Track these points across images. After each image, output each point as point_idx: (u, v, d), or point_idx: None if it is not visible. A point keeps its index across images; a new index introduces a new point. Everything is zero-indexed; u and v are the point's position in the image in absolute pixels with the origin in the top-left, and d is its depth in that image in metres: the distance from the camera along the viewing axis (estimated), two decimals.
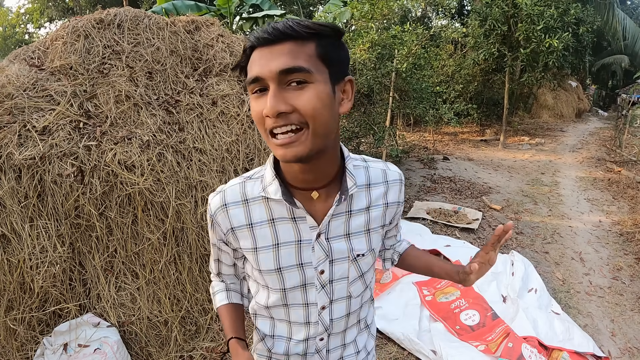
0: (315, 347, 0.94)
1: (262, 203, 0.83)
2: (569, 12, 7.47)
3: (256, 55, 0.69)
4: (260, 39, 0.68)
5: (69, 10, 17.54)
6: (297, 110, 0.68)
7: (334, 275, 0.87)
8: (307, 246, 0.83)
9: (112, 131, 2.32)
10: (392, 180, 0.90)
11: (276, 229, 0.83)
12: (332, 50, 0.71)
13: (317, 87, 0.68)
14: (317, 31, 0.68)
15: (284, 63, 0.66)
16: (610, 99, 20.80)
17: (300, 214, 0.82)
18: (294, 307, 0.89)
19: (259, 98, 0.70)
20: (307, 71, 0.67)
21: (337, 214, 0.84)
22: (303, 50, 0.68)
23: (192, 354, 2.29)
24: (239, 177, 0.88)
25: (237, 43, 3.09)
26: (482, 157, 8.08)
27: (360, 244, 0.87)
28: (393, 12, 7.12)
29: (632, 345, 2.64)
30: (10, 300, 2.01)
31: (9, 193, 1.99)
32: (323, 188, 0.81)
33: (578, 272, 3.58)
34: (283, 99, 0.67)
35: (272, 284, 0.87)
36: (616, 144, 9.00)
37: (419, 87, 6.34)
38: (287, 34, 0.67)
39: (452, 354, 2.27)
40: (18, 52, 2.62)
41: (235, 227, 0.85)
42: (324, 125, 0.70)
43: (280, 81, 0.67)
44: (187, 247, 2.41)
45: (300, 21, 0.68)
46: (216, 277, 1.04)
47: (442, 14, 13.81)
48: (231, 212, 0.85)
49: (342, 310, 0.91)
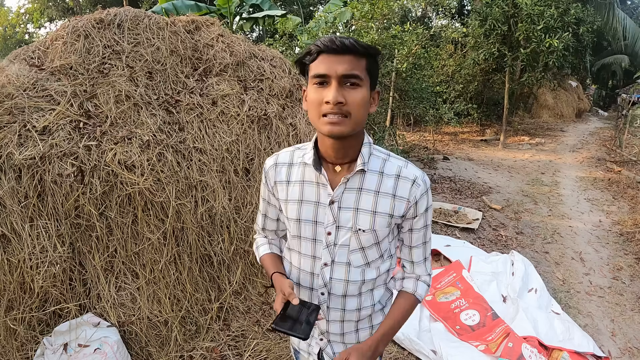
0: (318, 300, 1.10)
1: (300, 167, 1.08)
2: (569, 12, 7.47)
3: (323, 58, 0.91)
4: (330, 47, 0.90)
5: (69, 10, 17.54)
6: (347, 103, 0.91)
7: (338, 239, 1.05)
8: (323, 208, 1.04)
9: (112, 131, 2.31)
10: (404, 176, 1.03)
11: (304, 188, 1.06)
12: (374, 66, 0.96)
13: (363, 90, 0.93)
14: (369, 51, 0.92)
15: (346, 69, 0.90)
16: (610, 99, 20.79)
17: (323, 181, 1.03)
18: (304, 257, 1.10)
19: (319, 89, 0.93)
20: (360, 78, 0.91)
21: (350, 188, 1.02)
22: (359, 63, 0.92)
23: (192, 354, 2.29)
24: (293, 146, 1.14)
25: (237, 43, 3.09)
26: (482, 157, 8.08)
27: (364, 221, 1.02)
28: (393, 12, 7.12)
29: (632, 345, 2.64)
30: (10, 300, 2.00)
31: (9, 193, 1.99)
32: (345, 164, 1.03)
33: (578, 272, 3.58)
34: (341, 93, 0.91)
35: (293, 230, 1.10)
36: (616, 143, 8.99)
37: (419, 87, 6.34)
38: (350, 49, 0.90)
39: (452, 353, 2.27)
40: (18, 52, 2.62)
41: (277, 181, 1.11)
42: (361, 117, 0.94)
43: (340, 81, 0.91)
44: (187, 247, 2.41)
45: (359, 42, 0.91)
46: (260, 232, 1.27)
47: (442, 14, 13.81)
48: (278, 169, 1.11)
49: (342, 274, 1.08)
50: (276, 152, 1.14)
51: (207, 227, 2.49)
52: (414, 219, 1.06)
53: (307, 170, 1.06)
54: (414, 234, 1.09)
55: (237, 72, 2.98)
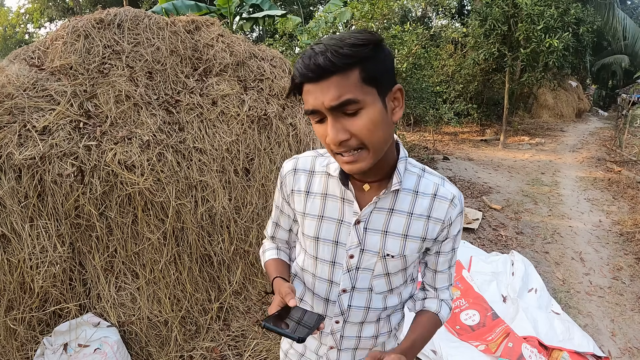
0: (331, 328, 0.99)
1: (322, 177, 0.94)
2: (569, 12, 7.47)
3: (307, 89, 0.74)
4: (307, 76, 0.72)
5: (69, 10, 17.54)
6: (354, 136, 0.75)
7: (361, 263, 0.92)
8: (347, 228, 0.91)
9: (112, 131, 2.31)
10: (441, 196, 0.90)
11: (326, 203, 0.93)
12: (376, 67, 0.73)
13: (368, 111, 0.73)
14: (357, 58, 0.70)
15: (332, 99, 0.71)
16: (610, 99, 20.78)
17: (349, 197, 0.90)
18: (319, 280, 0.97)
19: (320, 124, 0.78)
20: (355, 101, 0.72)
21: (380, 209, 0.89)
22: (347, 82, 0.71)
23: (192, 354, 2.29)
24: (314, 151, 1.00)
25: (237, 43, 3.09)
26: (482, 157, 8.08)
27: (394, 246, 0.90)
28: (393, 12, 7.12)
29: (632, 345, 2.64)
30: (10, 300, 2.00)
31: (9, 193, 1.99)
32: (375, 182, 0.89)
33: (578, 272, 3.58)
34: (341, 127, 0.74)
35: (309, 249, 0.97)
36: (616, 143, 8.99)
37: (419, 87, 6.34)
38: (328, 70, 0.70)
39: (452, 353, 2.27)
40: (18, 52, 2.62)
41: (295, 190, 0.97)
42: (381, 142, 0.77)
43: (335, 112, 0.73)
44: (187, 247, 2.41)
45: (339, 51, 0.69)
46: (269, 240, 1.14)
47: (442, 14, 13.81)
48: (297, 176, 0.97)
49: (362, 302, 0.95)
50: (295, 156, 1.01)
51: (207, 227, 2.49)
52: (443, 242, 0.94)
53: (331, 183, 0.92)
54: (441, 257, 0.97)
55: (237, 72, 2.98)
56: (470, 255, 3.28)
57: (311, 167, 0.96)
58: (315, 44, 0.74)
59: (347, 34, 0.73)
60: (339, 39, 0.72)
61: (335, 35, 0.75)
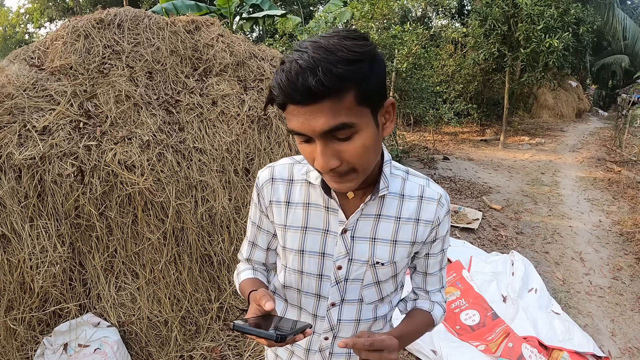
0: (319, 345, 0.94)
1: (303, 186, 0.88)
2: (569, 12, 7.47)
3: (292, 110, 0.65)
4: (291, 98, 0.63)
5: (69, 10, 17.54)
6: (345, 161, 0.69)
7: (350, 274, 0.87)
8: (333, 238, 0.86)
9: (112, 131, 2.32)
10: (428, 197, 0.87)
11: (309, 213, 0.87)
12: (370, 84, 0.65)
13: (362, 135, 0.67)
14: (354, 78, 0.62)
15: (325, 124, 0.64)
16: (610, 99, 20.79)
17: (334, 206, 0.85)
18: (306, 295, 0.91)
19: (306, 144, 0.70)
20: (349, 126, 0.65)
21: (367, 215, 0.85)
22: (342, 106, 0.63)
23: (192, 354, 2.29)
24: (289, 158, 0.93)
25: (237, 43, 3.09)
26: (482, 157, 8.08)
27: (383, 253, 0.86)
28: (393, 12, 7.13)
29: (632, 345, 2.64)
30: (10, 300, 2.00)
31: (9, 193, 1.99)
32: (359, 189, 0.84)
33: (578, 272, 3.58)
34: (332, 153, 0.68)
35: (292, 264, 0.90)
36: (616, 143, 8.99)
37: (419, 87, 6.34)
38: (320, 94, 0.61)
39: (452, 353, 2.27)
40: (18, 52, 2.62)
41: (274, 201, 0.90)
42: (371, 163, 0.73)
43: (325, 137, 0.66)
44: (187, 247, 2.41)
45: (332, 71, 0.60)
46: (245, 262, 1.04)
47: (442, 14, 13.81)
48: (275, 186, 0.90)
49: (352, 314, 0.91)
50: (270, 164, 0.93)
51: (207, 227, 2.49)
52: (432, 243, 0.91)
53: (313, 192, 0.87)
54: (431, 259, 0.94)
55: (237, 72, 2.98)
56: (470, 255, 3.28)
57: (289, 176, 0.89)
58: (298, 53, 0.63)
59: (336, 42, 0.63)
60: (328, 51, 0.61)
61: (321, 41, 0.63)
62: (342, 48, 0.62)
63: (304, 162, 0.89)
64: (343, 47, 0.62)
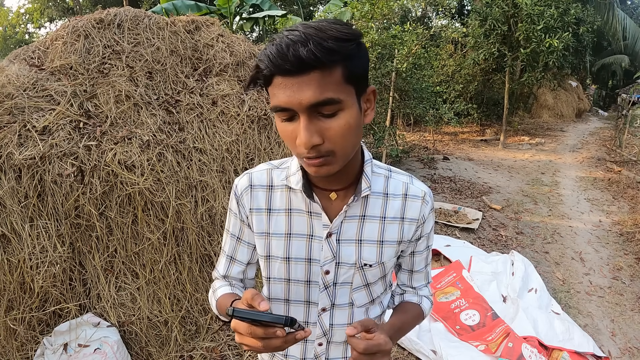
0: (314, 352, 0.92)
1: (283, 192, 0.85)
2: (569, 12, 7.47)
3: (279, 82, 0.65)
4: (283, 68, 0.63)
5: (69, 10, 17.54)
6: (327, 140, 0.68)
7: (338, 278, 0.86)
8: (318, 243, 0.84)
9: (112, 131, 2.32)
10: (412, 195, 0.86)
11: (292, 219, 0.85)
12: (357, 64, 0.67)
13: (346, 113, 0.68)
14: (342, 54, 0.64)
15: (313, 96, 0.64)
16: (610, 99, 20.80)
17: (316, 210, 0.83)
18: (295, 304, 0.89)
19: (288, 123, 0.69)
20: (336, 101, 0.66)
21: (351, 217, 0.83)
22: (331, 80, 0.64)
23: (192, 354, 2.29)
24: (266, 163, 0.90)
25: (237, 43, 3.09)
26: (482, 157, 8.08)
27: (370, 254, 0.85)
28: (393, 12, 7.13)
29: (632, 345, 2.64)
30: (10, 300, 2.00)
31: (9, 193, 1.99)
32: (341, 190, 0.83)
33: (578, 272, 3.58)
34: (315, 129, 0.67)
35: (278, 273, 0.87)
36: (616, 143, 9.00)
37: (419, 87, 6.34)
38: (311, 64, 0.62)
39: (452, 353, 2.27)
40: (18, 52, 2.62)
41: (254, 209, 0.87)
42: (351, 147, 0.72)
43: (311, 112, 0.66)
44: (187, 247, 2.41)
45: (323, 45, 0.62)
46: (221, 279, 0.97)
47: (442, 13, 13.81)
48: (255, 193, 0.87)
49: (344, 318, 0.89)
50: (247, 171, 0.90)
51: (207, 227, 2.49)
52: (417, 241, 0.91)
53: (294, 197, 0.84)
54: (416, 256, 0.94)
55: (237, 72, 2.98)
56: (470, 255, 3.28)
57: (268, 182, 0.86)
58: (289, 31, 0.65)
59: (325, 24, 0.65)
60: (318, 29, 0.63)
61: (310, 23, 0.65)
62: (332, 28, 0.64)
63: (283, 167, 0.87)
64: (332, 27, 0.64)
